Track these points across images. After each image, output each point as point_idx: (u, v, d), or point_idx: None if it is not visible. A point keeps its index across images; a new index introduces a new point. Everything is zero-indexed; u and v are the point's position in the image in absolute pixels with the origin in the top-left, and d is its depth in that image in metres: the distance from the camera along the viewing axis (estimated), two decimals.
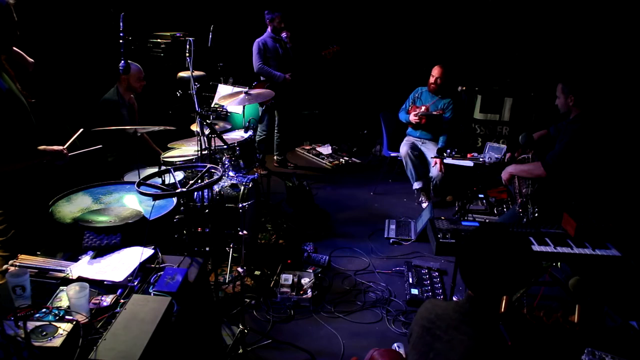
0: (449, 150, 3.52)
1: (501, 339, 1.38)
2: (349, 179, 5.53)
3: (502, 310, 1.40)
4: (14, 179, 2.29)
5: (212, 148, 3.23)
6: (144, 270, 1.90)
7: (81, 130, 2.62)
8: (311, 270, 3.43)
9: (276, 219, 4.15)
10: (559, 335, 1.55)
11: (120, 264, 1.91)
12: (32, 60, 2.58)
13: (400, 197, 5.03)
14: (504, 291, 1.42)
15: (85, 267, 1.88)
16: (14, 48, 2.48)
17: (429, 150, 4.75)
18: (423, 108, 4.73)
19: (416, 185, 4.78)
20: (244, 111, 4.13)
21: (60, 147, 2.38)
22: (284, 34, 5.13)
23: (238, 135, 3.93)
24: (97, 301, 1.68)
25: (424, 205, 4.74)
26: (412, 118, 4.73)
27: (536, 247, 2.48)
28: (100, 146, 2.63)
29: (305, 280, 3.26)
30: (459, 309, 1.46)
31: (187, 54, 3.20)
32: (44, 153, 2.31)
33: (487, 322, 1.41)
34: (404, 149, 4.75)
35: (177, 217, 2.65)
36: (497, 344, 1.37)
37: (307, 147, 6.49)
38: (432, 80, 4.73)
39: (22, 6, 2.30)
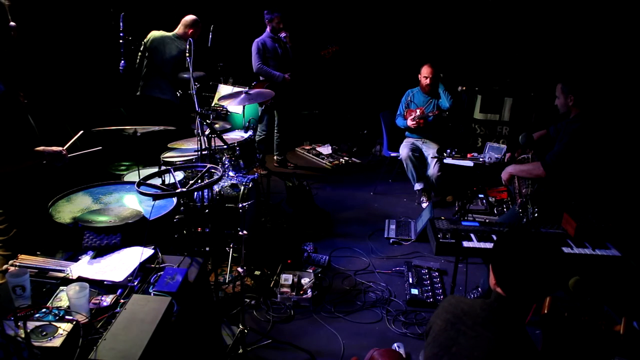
0: (449, 150, 3.52)
1: (528, 341, 1.39)
2: (349, 179, 5.53)
3: (545, 311, 1.39)
4: (14, 179, 2.29)
5: (212, 148, 3.23)
6: (144, 270, 1.90)
7: (81, 132, 2.61)
8: (311, 270, 3.43)
9: (276, 219, 4.15)
10: (599, 343, 1.55)
11: (120, 264, 1.91)
12: (14, 23, 2.45)
13: (400, 197, 5.03)
14: (538, 293, 1.43)
15: (85, 267, 1.88)
16: None
17: (430, 149, 4.75)
18: (418, 111, 4.73)
19: (417, 186, 4.78)
20: (244, 111, 4.13)
21: (59, 148, 2.37)
22: (282, 35, 5.14)
23: (238, 135, 3.93)
24: (97, 301, 1.68)
25: (424, 205, 4.74)
26: (410, 123, 4.72)
27: None
28: (100, 148, 2.62)
29: (305, 280, 3.26)
30: (487, 307, 1.46)
31: (187, 54, 3.20)
32: (41, 154, 2.30)
33: (515, 323, 1.42)
34: (404, 151, 4.74)
35: (177, 217, 2.65)
36: (523, 346, 1.38)
37: (307, 147, 6.49)
38: (426, 81, 4.69)
39: (22, 6, 2.30)
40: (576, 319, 1.61)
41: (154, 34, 4.43)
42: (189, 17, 4.52)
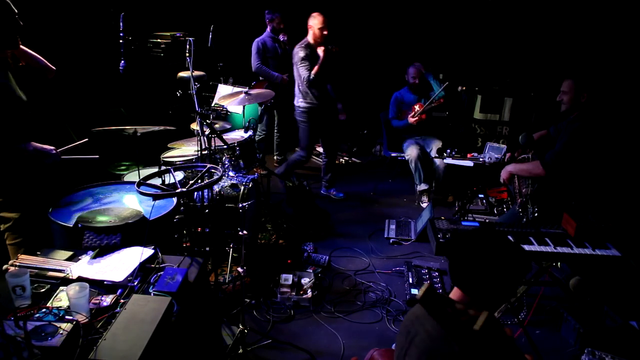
0: (449, 150, 3.52)
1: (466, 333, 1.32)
2: (349, 179, 5.53)
3: (478, 327, 1.25)
4: (16, 174, 2.30)
5: (212, 148, 3.23)
6: (144, 270, 1.90)
7: (86, 139, 2.60)
8: (311, 270, 3.43)
9: (276, 219, 4.15)
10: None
11: (120, 264, 1.91)
12: (54, 67, 2.58)
13: (400, 197, 5.03)
14: (495, 293, 1.40)
15: (85, 267, 1.88)
16: (36, 54, 2.48)
17: (432, 143, 4.81)
18: (417, 107, 4.73)
19: (422, 186, 4.78)
20: (244, 111, 4.13)
21: (51, 147, 2.36)
22: (281, 36, 5.14)
23: (238, 135, 3.93)
24: (97, 301, 1.68)
25: (424, 205, 4.74)
26: (412, 120, 4.70)
27: (536, 247, 2.48)
28: (98, 156, 2.60)
29: (305, 280, 3.26)
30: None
31: (187, 54, 3.21)
32: (25, 150, 2.26)
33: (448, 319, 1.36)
34: (413, 151, 4.72)
35: (177, 217, 2.65)
36: (461, 340, 1.32)
37: None
38: (414, 81, 4.80)
39: (22, 5, 2.30)
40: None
41: None
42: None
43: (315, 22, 4.30)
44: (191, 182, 2.21)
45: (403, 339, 1.48)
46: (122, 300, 1.70)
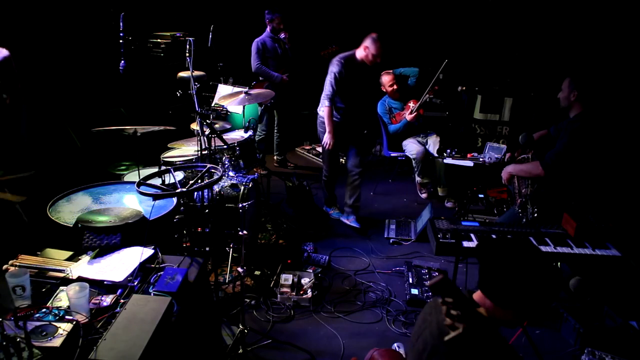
0: (449, 150, 3.52)
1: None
2: None
3: (447, 339, 1.17)
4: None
5: (212, 148, 3.23)
6: (144, 270, 1.90)
7: (32, 172, 2.52)
8: (311, 270, 3.43)
9: (276, 219, 4.15)
10: None
11: (120, 264, 1.91)
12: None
13: (400, 197, 5.03)
14: (525, 307, 1.38)
15: (85, 267, 1.88)
16: None
17: (429, 144, 4.84)
18: (411, 104, 4.77)
19: (418, 179, 4.86)
20: (244, 111, 4.13)
21: None
22: (282, 35, 5.14)
23: (238, 135, 3.93)
24: (97, 301, 1.68)
25: (423, 196, 4.84)
26: (410, 117, 4.71)
27: None
28: (25, 198, 2.49)
29: (305, 280, 3.26)
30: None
31: (187, 54, 3.21)
32: None
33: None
34: (419, 148, 4.76)
35: (177, 217, 2.65)
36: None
37: (307, 147, 6.49)
38: (394, 88, 4.83)
39: (23, 6, 2.30)
40: None
41: None
42: None
43: (372, 47, 3.95)
44: (191, 182, 2.21)
45: (421, 323, 1.54)
46: (122, 300, 1.70)
